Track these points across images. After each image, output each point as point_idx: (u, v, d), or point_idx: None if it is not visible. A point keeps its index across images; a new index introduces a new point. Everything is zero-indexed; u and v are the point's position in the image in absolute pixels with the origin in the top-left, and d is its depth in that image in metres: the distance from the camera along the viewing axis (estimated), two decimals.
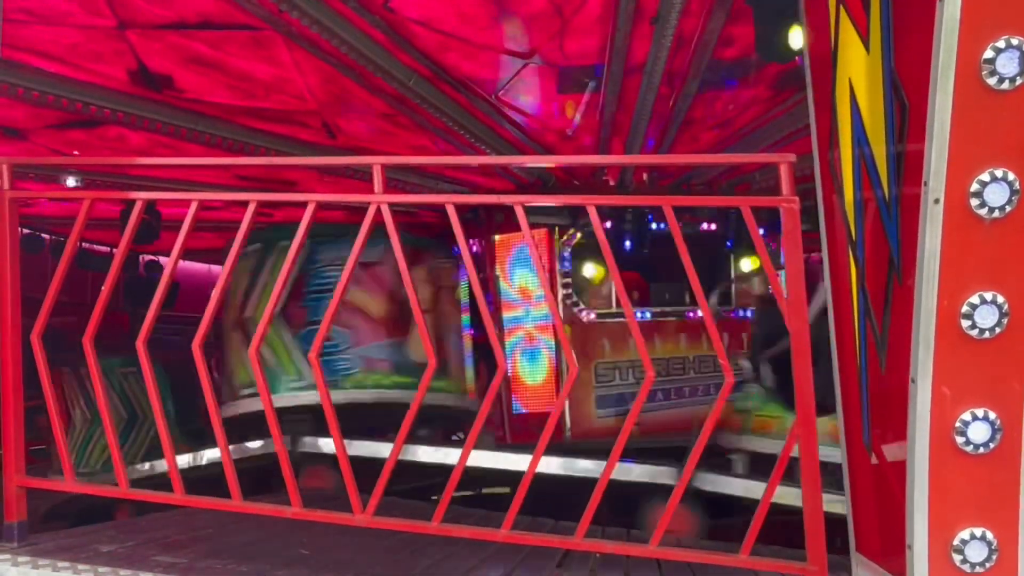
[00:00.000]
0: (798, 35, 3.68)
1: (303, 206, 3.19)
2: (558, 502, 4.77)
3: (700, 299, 3.02)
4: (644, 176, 8.48)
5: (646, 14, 4.73)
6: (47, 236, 9.17)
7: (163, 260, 10.15)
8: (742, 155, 7.40)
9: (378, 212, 3.11)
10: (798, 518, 2.83)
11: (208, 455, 6.86)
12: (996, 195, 2.26)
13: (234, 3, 4.59)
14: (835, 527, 2.97)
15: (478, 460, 5.92)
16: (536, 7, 4.77)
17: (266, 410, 3.18)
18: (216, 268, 10.47)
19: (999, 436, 2.33)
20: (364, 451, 5.78)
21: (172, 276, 3.31)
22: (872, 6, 2.61)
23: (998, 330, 2.31)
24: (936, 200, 2.29)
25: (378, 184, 3.13)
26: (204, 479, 3.80)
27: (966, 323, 2.31)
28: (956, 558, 2.36)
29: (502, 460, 6.22)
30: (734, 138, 7.19)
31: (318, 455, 6.54)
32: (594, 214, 3.07)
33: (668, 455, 6.19)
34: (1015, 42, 2.19)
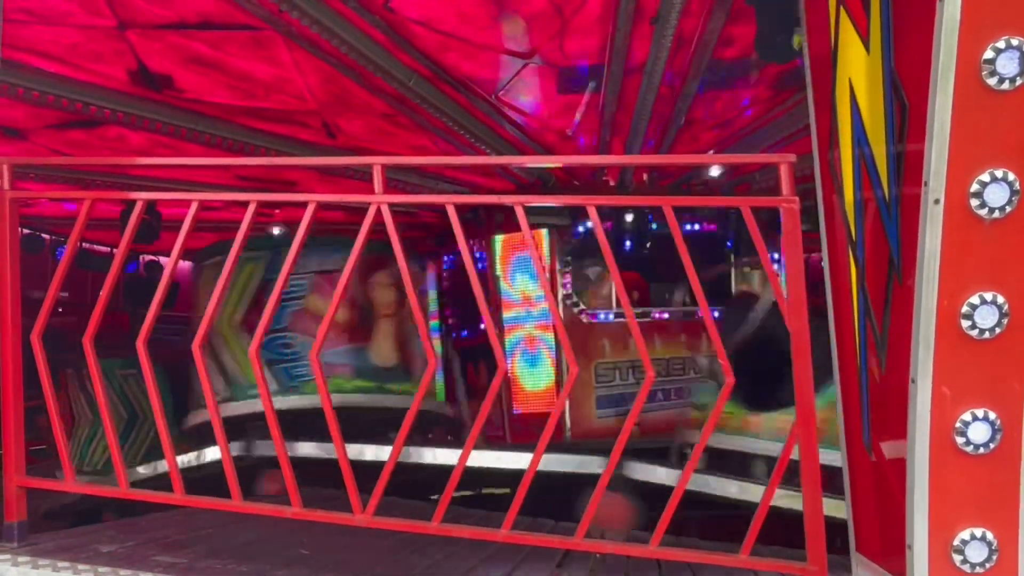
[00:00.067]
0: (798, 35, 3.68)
1: (303, 206, 3.19)
2: (555, 499, 4.79)
3: (700, 299, 3.01)
4: (644, 176, 8.48)
5: (646, 14, 4.72)
6: (47, 236, 9.17)
7: (163, 260, 10.15)
8: (742, 155, 7.40)
9: (378, 212, 3.11)
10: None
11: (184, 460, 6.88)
12: (996, 195, 2.27)
13: (234, 3, 4.58)
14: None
15: (478, 460, 5.93)
16: (536, 7, 4.77)
17: (266, 411, 3.19)
18: None
19: (999, 436, 2.33)
20: (322, 452, 5.92)
21: (172, 276, 3.32)
22: (872, 6, 2.61)
23: (998, 330, 2.31)
24: (936, 200, 2.29)
25: (378, 184, 3.13)
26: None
27: (966, 323, 2.32)
28: (956, 558, 2.36)
29: (503, 459, 6.23)
30: (734, 138, 7.18)
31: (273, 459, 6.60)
32: (594, 214, 3.07)
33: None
34: (1015, 42, 2.19)
